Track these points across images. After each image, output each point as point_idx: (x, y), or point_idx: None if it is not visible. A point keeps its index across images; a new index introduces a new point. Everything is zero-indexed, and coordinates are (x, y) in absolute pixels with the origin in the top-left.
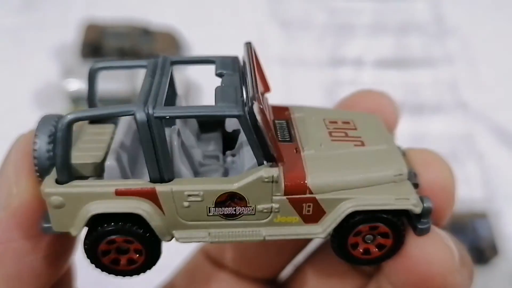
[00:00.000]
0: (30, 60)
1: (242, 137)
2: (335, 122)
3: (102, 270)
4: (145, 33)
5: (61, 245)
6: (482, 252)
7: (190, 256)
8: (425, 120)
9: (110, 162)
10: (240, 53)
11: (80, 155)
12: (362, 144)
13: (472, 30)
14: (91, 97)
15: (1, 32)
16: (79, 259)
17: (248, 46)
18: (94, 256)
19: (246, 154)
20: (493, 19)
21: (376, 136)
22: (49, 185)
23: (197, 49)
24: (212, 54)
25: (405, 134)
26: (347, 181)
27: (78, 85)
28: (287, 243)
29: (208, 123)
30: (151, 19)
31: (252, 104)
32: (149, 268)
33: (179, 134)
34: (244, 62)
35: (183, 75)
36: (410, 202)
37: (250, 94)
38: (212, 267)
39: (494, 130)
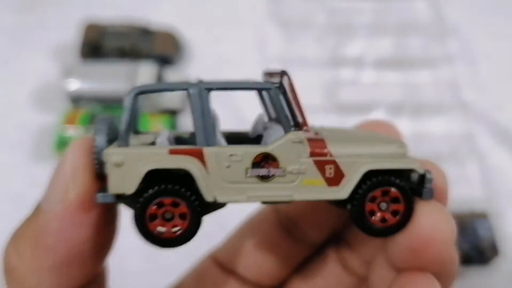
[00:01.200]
0: (30, 60)
1: (266, 130)
2: (341, 128)
3: (147, 239)
4: (145, 33)
5: (106, 236)
6: (482, 252)
7: (199, 260)
8: (425, 120)
9: (161, 140)
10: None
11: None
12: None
13: (472, 30)
14: (131, 121)
15: (1, 32)
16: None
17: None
18: (142, 222)
19: (271, 135)
20: (493, 19)
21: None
22: (112, 148)
23: (197, 49)
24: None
25: (405, 134)
26: (361, 150)
27: (77, 85)
28: (293, 250)
29: (232, 137)
30: (151, 19)
31: (282, 78)
32: (190, 238)
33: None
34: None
35: (183, 75)
36: (415, 164)
37: (280, 72)
38: (219, 272)
39: (494, 130)
